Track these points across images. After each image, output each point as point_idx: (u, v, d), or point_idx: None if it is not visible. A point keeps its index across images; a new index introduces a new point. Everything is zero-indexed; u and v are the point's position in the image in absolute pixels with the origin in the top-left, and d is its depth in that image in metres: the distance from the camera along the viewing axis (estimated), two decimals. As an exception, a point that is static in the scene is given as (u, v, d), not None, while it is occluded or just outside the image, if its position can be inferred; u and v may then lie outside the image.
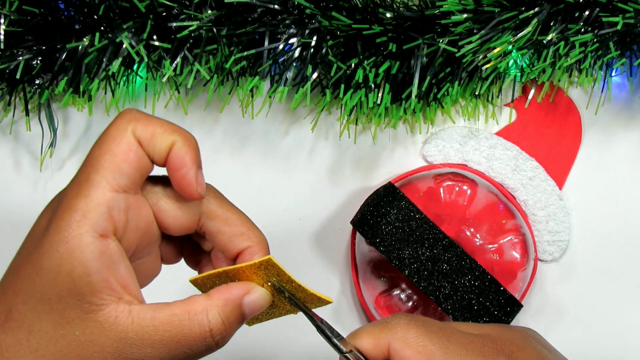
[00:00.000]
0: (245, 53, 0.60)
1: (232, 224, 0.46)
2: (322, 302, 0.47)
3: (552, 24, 0.61)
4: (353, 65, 0.61)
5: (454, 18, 0.60)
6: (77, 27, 0.61)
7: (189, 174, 0.44)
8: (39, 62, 0.61)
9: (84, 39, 0.60)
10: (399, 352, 0.46)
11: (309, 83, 0.61)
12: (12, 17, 0.60)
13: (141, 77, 0.64)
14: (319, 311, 0.47)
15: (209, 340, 0.43)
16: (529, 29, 0.60)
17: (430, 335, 0.46)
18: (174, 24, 0.60)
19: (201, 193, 0.45)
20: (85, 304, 0.41)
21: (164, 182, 0.46)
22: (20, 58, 0.60)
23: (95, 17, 0.60)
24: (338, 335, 0.47)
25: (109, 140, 0.43)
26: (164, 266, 0.49)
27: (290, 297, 0.46)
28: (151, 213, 0.46)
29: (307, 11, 0.60)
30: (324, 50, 0.61)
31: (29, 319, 0.41)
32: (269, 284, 0.46)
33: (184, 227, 0.46)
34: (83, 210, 0.41)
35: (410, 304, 0.67)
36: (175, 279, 0.52)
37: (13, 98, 0.64)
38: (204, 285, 0.46)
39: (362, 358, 0.47)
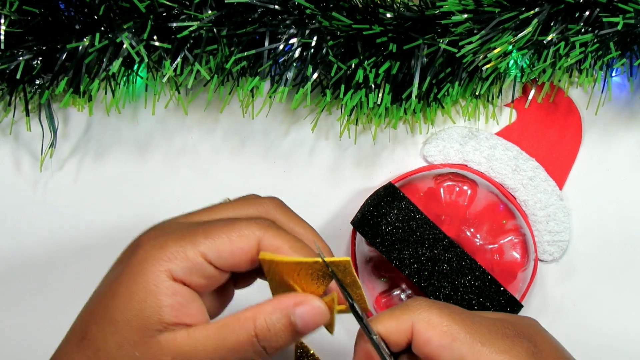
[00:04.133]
0: (245, 53, 0.60)
1: (282, 250, 0.46)
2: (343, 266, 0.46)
3: (552, 24, 0.61)
4: (353, 65, 0.61)
5: (454, 18, 0.60)
6: (77, 27, 0.61)
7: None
8: (39, 62, 0.61)
9: (84, 39, 0.60)
10: (423, 334, 0.46)
11: (309, 83, 0.61)
12: (12, 17, 0.60)
13: (141, 77, 0.64)
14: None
15: (256, 345, 0.45)
16: (529, 29, 0.60)
17: (454, 316, 0.46)
18: (174, 24, 0.60)
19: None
20: (150, 330, 0.44)
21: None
22: (21, 58, 0.60)
23: (96, 17, 0.60)
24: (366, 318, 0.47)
25: (235, 228, 0.46)
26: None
27: (333, 275, 0.46)
28: (229, 280, 0.48)
29: (308, 11, 0.60)
30: (324, 51, 0.61)
31: (98, 339, 0.45)
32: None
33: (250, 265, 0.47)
34: (171, 255, 0.44)
35: (410, 304, 0.67)
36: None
37: (13, 98, 0.64)
38: (268, 269, 0.46)
39: (383, 344, 0.47)
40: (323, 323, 0.46)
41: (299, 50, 0.61)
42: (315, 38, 0.61)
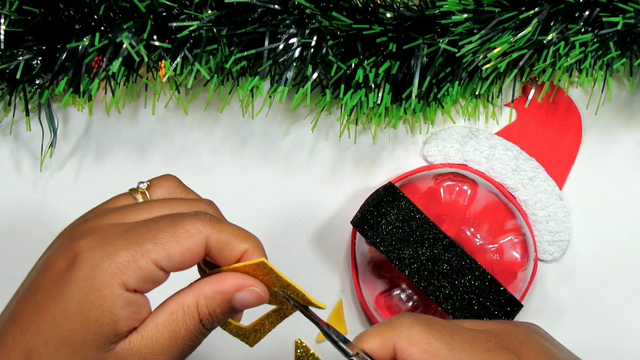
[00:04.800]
0: (245, 53, 0.60)
1: (230, 242, 0.46)
2: (316, 307, 0.47)
3: (552, 24, 0.61)
4: (353, 65, 0.61)
5: (454, 18, 0.60)
6: (77, 27, 0.61)
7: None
8: (39, 62, 0.61)
9: (84, 39, 0.60)
10: (404, 351, 0.46)
11: (309, 83, 0.61)
12: (12, 17, 0.60)
13: (141, 77, 0.64)
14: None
15: (201, 328, 0.46)
16: (529, 29, 0.60)
17: (434, 333, 0.46)
18: (174, 24, 0.60)
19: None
20: (107, 344, 0.43)
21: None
22: (21, 58, 0.60)
23: (95, 17, 0.60)
24: (344, 339, 0.47)
25: (182, 230, 0.45)
26: None
27: (295, 304, 0.47)
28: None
29: (307, 11, 0.60)
30: (324, 50, 0.61)
31: None
32: (273, 290, 0.47)
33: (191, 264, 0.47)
34: (122, 267, 0.43)
35: (410, 304, 0.67)
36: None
37: (13, 98, 0.64)
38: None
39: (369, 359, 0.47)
40: (260, 303, 0.47)
41: (298, 50, 0.61)
42: (315, 38, 0.61)
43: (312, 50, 0.61)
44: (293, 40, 0.61)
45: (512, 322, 0.51)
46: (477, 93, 0.65)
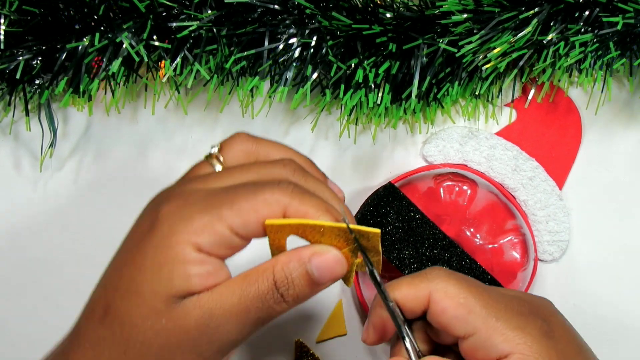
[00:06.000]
0: (245, 53, 0.60)
1: (309, 215, 0.46)
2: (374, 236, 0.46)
3: (552, 24, 0.61)
4: (353, 65, 0.61)
5: (454, 18, 0.60)
6: (77, 27, 0.61)
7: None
8: (39, 62, 0.61)
9: (84, 39, 0.60)
10: (439, 303, 0.46)
11: (309, 83, 0.61)
12: (12, 17, 0.60)
13: (140, 77, 0.64)
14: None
15: (275, 293, 0.45)
16: (529, 29, 0.60)
17: (471, 289, 0.47)
18: (174, 24, 0.60)
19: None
20: (176, 297, 0.44)
21: None
22: (20, 58, 0.60)
23: (95, 17, 0.60)
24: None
25: (261, 199, 0.45)
26: None
27: (356, 239, 0.46)
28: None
29: (307, 11, 0.60)
30: (324, 50, 0.61)
31: (123, 312, 0.44)
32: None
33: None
34: (198, 229, 0.44)
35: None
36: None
37: (13, 98, 0.64)
38: (278, 232, 0.46)
39: (399, 311, 0.47)
40: (339, 274, 0.46)
41: (298, 50, 0.61)
42: (315, 38, 0.61)
43: (312, 50, 0.61)
44: (293, 40, 0.61)
45: (536, 295, 0.51)
46: (477, 93, 0.65)
